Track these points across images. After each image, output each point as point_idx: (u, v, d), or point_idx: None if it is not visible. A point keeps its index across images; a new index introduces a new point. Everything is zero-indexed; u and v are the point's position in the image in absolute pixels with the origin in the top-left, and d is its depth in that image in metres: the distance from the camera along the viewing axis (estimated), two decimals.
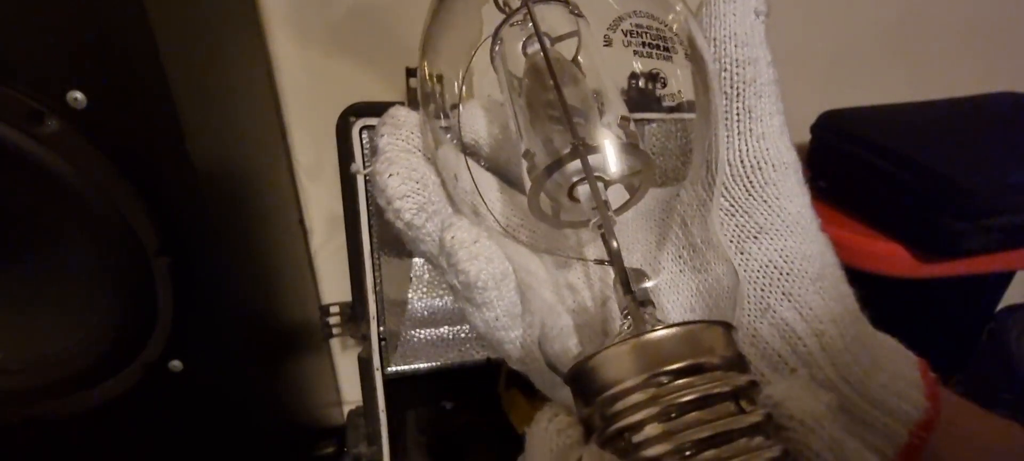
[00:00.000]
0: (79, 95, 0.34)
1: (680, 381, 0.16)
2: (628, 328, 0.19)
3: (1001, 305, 0.79)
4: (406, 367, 0.56)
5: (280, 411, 0.57)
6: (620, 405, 0.16)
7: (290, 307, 0.64)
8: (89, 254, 0.37)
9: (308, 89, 0.63)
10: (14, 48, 0.32)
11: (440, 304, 0.62)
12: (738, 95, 0.22)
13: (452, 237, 0.20)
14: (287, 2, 0.59)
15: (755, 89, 0.22)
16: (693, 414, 0.15)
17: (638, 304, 0.19)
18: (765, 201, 0.22)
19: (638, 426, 0.16)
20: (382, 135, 0.22)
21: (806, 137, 0.72)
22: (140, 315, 0.40)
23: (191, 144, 0.37)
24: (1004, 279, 0.75)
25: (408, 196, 0.21)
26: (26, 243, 0.37)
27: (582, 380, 0.17)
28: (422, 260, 0.44)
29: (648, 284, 0.20)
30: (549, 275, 0.23)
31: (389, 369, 0.55)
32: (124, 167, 0.36)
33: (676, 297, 0.23)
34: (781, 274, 0.21)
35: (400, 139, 0.22)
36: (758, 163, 0.22)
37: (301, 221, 0.69)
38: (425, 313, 0.61)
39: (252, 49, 0.59)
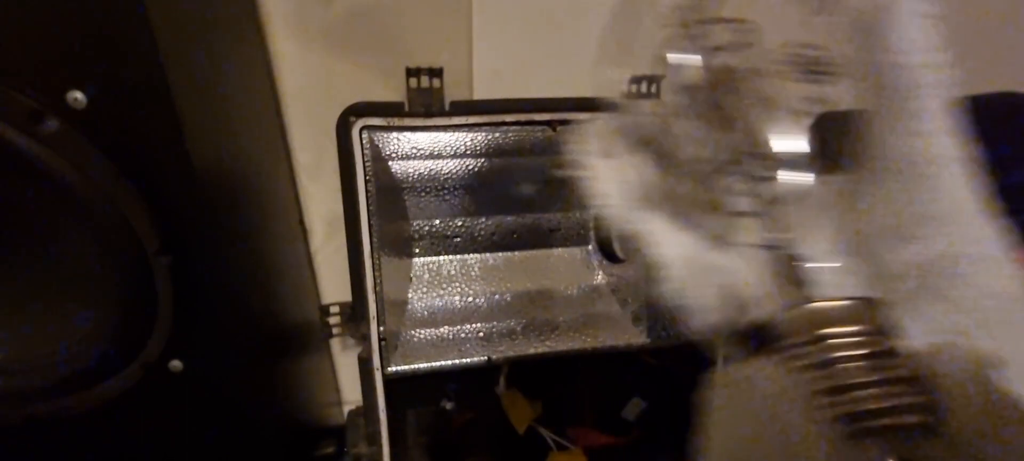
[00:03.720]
0: (79, 95, 0.34)
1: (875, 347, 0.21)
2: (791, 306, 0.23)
3: None
4: (406, 367, 0.56)
5: (280, 411, 0.57)
6: (839, 353, 0.20)
7: (290, 307, 0.64)
8: (89, 254, 0.37)
9: (308, 89, 0.63)
10: (14, 48, 0.32)
11: (440, 304, 0.62)
12: (907, 97, 0.25)
13: (641, 227, 0.27)
14: (287, 2, 0.59)
15: (924, 90, 0.25)
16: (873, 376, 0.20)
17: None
18: (927, 193, 0.25)
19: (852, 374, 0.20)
20: (581, 142, 0.29)
21: None
22: (140, 315, 0.40)
23: (191, 144, 0.37)
24: None
25: (610, 194, 0.27)
26: (26, 243, 0.37)
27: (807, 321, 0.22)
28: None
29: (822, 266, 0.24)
30: (702, 254, 0.28)
31: (389, 369, 0.55)
32: (124, 167, 0.36)
33: (851, 281, 0.26)
34: (942, 264, 0.25)
35: (594, 147, 0.29)
36: (922, 159, 0.25)
37: (301, 221, 0.69)
38: (425, 313, 0.61)
39: (252, 49, 0.59)
